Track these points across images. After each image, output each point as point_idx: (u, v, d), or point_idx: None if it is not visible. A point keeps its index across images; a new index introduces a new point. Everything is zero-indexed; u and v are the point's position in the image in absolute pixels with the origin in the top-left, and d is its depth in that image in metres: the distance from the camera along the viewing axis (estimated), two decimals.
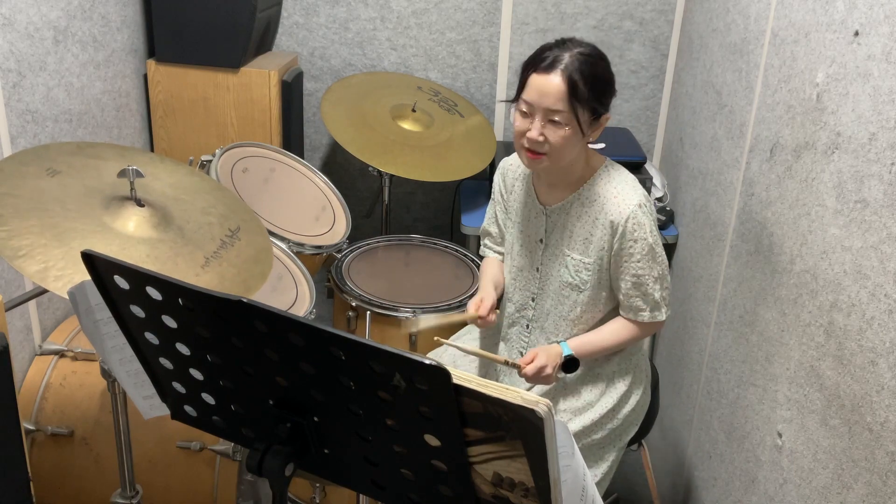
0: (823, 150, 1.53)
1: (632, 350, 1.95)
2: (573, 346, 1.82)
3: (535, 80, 1.67)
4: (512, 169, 1.97)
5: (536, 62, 1.68)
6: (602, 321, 1.88)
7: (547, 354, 1.79)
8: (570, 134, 1.67)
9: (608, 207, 1.76)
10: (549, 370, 1.78)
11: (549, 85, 1.65)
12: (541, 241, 1.89)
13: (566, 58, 1.65)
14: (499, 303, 2.06)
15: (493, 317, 1.90)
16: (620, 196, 1.75)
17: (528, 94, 1.68)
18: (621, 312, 1.85)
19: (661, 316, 1.82)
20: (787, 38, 1.76)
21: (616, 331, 1.85)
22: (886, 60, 1.31)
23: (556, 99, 1.64)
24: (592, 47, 1.71)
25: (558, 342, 1.84)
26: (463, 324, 2.17)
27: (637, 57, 2.95)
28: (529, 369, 1.77)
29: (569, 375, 1.88)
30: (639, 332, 1.85)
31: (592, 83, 1.65)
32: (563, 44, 1.69)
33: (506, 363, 1.82)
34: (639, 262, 1.75)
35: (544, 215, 1.87)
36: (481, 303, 1.91)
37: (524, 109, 1.69)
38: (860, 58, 1.41)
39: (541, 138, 1.67)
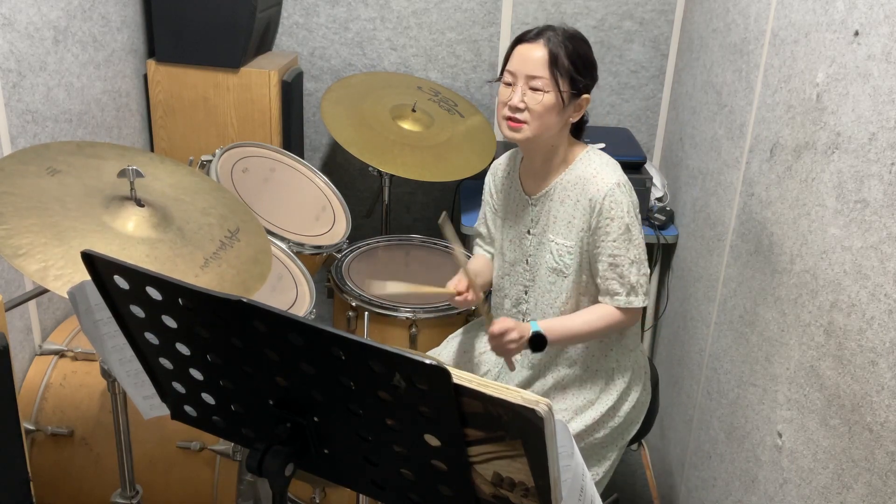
0: (823, 150, 1.53)
1: (630, 346, 1.95)
2: (543, 325, 1.82)
3: (520, 49, 1.77)
4: (501, 168, 2.02)
5: (522, 35, 1.78)
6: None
7: (515, 322, 1.80)
8: (550, 101, 1.73)
9: (587, 187, 1.79)
10: (514, 335, 1.76)
11: (532, 52, 1.74)
12: (528, 231, 1.91)
13: (550, 33, 1.76)
14: (486, 297, 2.07)
15: (471, 295, 1.90)
16: (599, 175, 1.79)
17: (511, 64, 1.77)
18: (599, 297, 1.85)
19: (638, 302, 1.82)
20: (787, 38, 1.76)
21: (591, 316, 1.84)
22: (886, 60, 1.32)
23: (538, 65, 1.73)
24: (576, 31, 1.80)
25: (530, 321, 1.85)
26: (440, 298, 2.22)
27: (637, 57, 2.95)
28: (495, 328, 1.77)
29: (541, 360, 1.89)
30: (614, 321, 1.83)
31: (573, 57, 1.74)
32: (548, 26, 1.79)
33: (486, 313, 1.89)
34: (614, 241, 1.77)
35: (530, 205, 1.90)
36: (458, 282, 1.93)
37: (508, 80, 1.77)
38: (860, 58, 1.41)
39: (521, 105, 1.73)
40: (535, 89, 1.73)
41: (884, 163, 1.30)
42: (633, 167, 2.64)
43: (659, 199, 2.70)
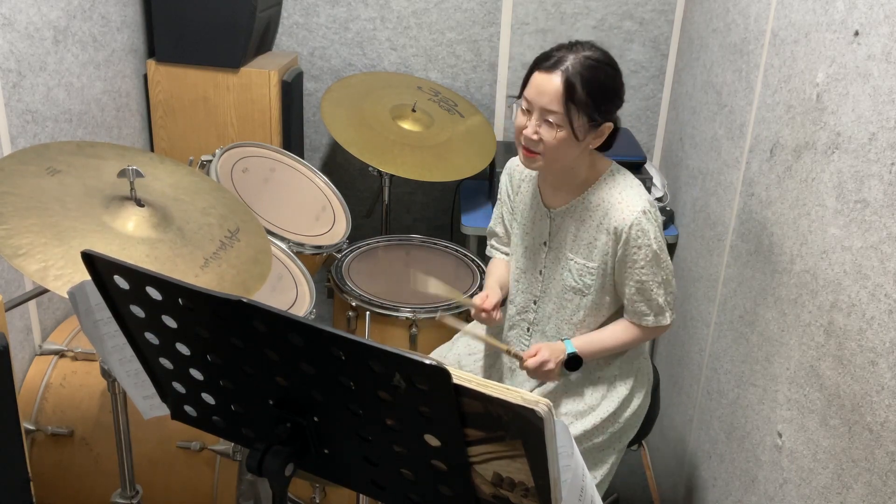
0: (823, 150, 1.53)
1: (633, 353, 1.94)
2: (577, 344, 1.81)
3: (537, 77, 1.67)
4: (518, 170, 1.96)
5: (541, 60, 1.68)
6: (605, 324, 1.88)
7: (550, 350, 1.78)
8: (563, 136, 1.66)
9: (612, 213, 1.74)
10: (551, 365, 1.77)
11: (548, 84, 1.64)
12: (544, 243, 1.88)
13: (570, 59, 1.64)
14: (504, 303, 2.06)
15: (497, 314, 1.89)
16: (625, 202, 1.74)
17: (528, 92, 1.69)
18: (625, 316, 1.84)
19: (666, 320, 1.81)
20: (787, 38, 1.76)
21: (620, 332, 1.84)
22: (886, 60, 1.32)
23: (552, 99, 1.64)
24: (603, 53, 1.69)
25: (562, 339, 1.84)
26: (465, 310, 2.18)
27: (637, 57, 2.95)
28: (531, 363, 1.77)
29: (571, 374, 1.88)
30: (643, 335, 1.84)
31: (591, 88, 1.64)
32: (573, 46, 1.68)
33: (508, 352, 1.83)
34: (643, 268, 1.74)
35: (548, 218, 1.86)
36: (486, 298, 1.90)
37: (524, 107, 1.70)
38: (860, 58, 1.41)
39: (535, 137, 1.67)
40: (548, 122, 1.65)
41: (884, 163, 1.30)
42: (633, 167, 2.64)
43: (659, 199, 2.70)
